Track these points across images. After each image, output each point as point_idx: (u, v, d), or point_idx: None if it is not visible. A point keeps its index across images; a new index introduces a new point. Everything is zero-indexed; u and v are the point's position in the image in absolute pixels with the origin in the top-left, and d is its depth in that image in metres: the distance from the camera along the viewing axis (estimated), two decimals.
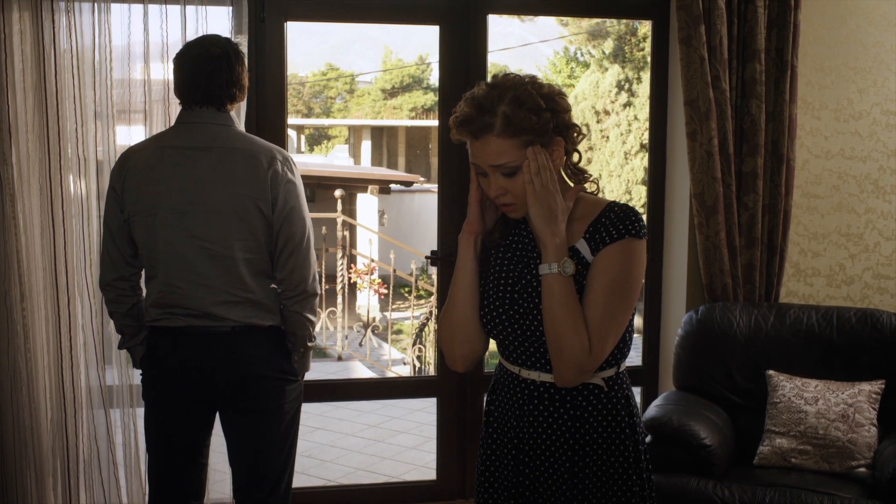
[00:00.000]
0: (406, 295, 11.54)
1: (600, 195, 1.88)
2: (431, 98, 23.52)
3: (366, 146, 20.96)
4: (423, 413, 6.37)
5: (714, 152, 3.47)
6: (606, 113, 19.72)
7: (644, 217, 1.81)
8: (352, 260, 10.80)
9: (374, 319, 9.79)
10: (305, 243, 2.53)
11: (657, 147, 3.89)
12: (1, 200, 3.15)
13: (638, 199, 19.40)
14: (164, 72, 3.23)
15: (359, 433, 6.04)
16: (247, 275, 2.47)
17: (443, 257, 3.73)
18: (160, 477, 2.63)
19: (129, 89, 3.24)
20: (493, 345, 1.97)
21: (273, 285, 2.56)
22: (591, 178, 1.86)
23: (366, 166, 19.64)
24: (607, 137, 19.77)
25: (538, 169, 1.74)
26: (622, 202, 1.79)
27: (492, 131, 1.73)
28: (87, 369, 3.31)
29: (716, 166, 3.48)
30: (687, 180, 3.59)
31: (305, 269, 2.53)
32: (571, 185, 1.87)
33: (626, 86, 19.44)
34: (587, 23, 16.86)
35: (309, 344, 2.64)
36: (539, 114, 1.73)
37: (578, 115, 19.81)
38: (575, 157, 1.87)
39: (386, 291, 11.00)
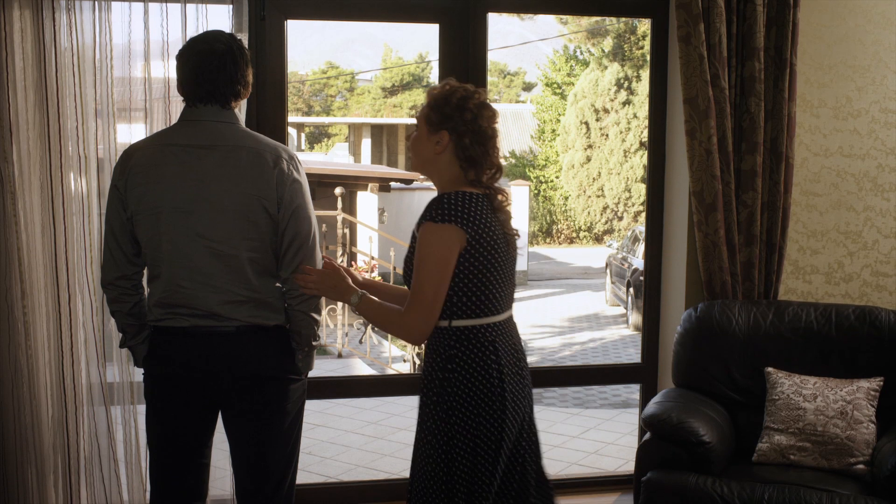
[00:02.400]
0: None
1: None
2: None
3: (366, 144, 20.99)
4: None
5: (713, 150, 3.48)
6: (606, 111, 19.74)
7: (462, 205, 2.31)
8: (352, 257, 10.81)
9: None
10: (311, 242, 2.51)
11: (656, 145, 3.90)
12: (2, 198, 3.16)
13: (637, 196, 19.41)
14: (164, 70, 3.23)
15: (359, 430, 6.05)
16: (252, 274, 2.45)
17: None
18: (162, 477, 2.59)
19: (129, 87, 3.24)
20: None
21: (277, 284, 2.54)
22: (482, 184, 2.37)
23: (366, 164, 19.68)
24: (606, 135, 19.78)
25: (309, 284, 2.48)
26: (449, 193, 2.33)
27: None
28: (87, 366, 3.32)
29: (715, 164, 3.49)
30: (686, 178, 3.60)
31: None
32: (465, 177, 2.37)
33: (626, 84, 19.44)
34: (587, 21, 16.88)
35: (314, 343, 2.62)
36: (430, 109, 2.36)
37: (578, 112, 19.86)
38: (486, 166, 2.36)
39: None
